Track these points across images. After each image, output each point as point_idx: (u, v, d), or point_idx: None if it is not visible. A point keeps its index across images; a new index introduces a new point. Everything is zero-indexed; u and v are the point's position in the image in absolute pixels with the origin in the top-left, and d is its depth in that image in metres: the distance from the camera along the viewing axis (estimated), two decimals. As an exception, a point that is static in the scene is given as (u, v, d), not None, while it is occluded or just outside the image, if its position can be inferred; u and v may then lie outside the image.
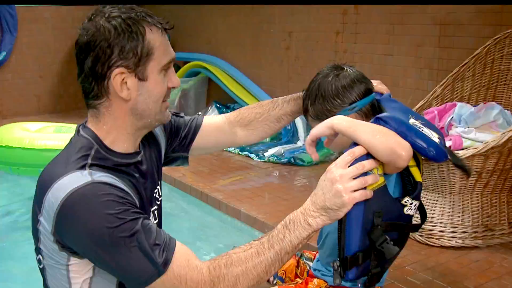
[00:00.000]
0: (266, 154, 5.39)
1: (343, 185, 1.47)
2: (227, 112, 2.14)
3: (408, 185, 1.70)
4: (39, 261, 1.58)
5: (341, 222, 1.55)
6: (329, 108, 1.86)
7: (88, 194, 1.42)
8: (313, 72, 1.91)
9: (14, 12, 7.58)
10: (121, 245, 1.41)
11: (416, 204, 1.67)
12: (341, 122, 1.59)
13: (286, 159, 5.18)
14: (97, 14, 1.56)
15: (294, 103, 2.08)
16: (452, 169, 3.15)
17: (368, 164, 1.51)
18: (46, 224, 1.47)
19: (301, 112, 2.05)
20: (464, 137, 3.39)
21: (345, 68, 1.93)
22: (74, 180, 1.44)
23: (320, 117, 1.85)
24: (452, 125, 3.58)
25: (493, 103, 3.64)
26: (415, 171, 1.69)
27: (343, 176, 1.48)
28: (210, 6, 7.09)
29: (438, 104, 3.75)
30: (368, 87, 1.90)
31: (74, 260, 1.51)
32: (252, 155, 5.44)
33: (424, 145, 1.66)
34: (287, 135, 5.83)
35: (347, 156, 1.51)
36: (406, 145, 1.56)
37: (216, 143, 2.11)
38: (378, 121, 1.66)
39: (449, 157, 1.79)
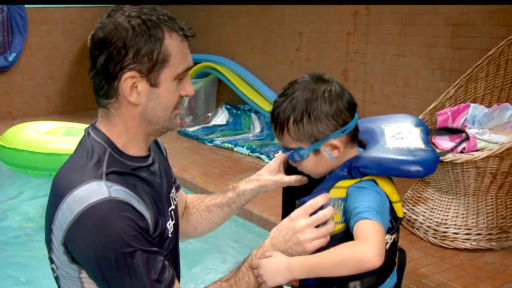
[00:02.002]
0: (276, 155, 5.36)
1: (304, 236, 1.51)
2: (237, 113, 2.07)
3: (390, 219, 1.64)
4: (53, 271, 1.55)
5: None
6: (321, 130, 1.60)
7: (103, 213, 1.38)
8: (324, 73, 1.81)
9: (24, 13, 7.59)
10: (123, 272, 1.39)
11: (391, 238, 1.64)
12: (296, 270, 1.52)
13: (297, 161, 5.15)
14: (118, 11, 1.49)
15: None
16: (467, 170, 3.13)
17: (329, 212, 1.52)
18: (58, 234, 1.44)
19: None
20: (478, 139, 3.37)
21: (330, 80, 1.66)
22: (91, 193, 1.39)
23: (302, 139, 1.62)
24: (466, 126, 3.56)
25: (507, 104, 3.61)
26: (398, 207, 1.64)
27: (305, 227, 1.51)
28: (220, 7, 7.08)
29: (452, 105, 3.73)
30: (355, 103, 1.67)
31: (85, 273, 1.48)
32: (263, 156, 5.42)
33: (410, 169, 1.60)
34: (298, 136, 5.80)
35: (310, 206, 1.53)
36: (368, 252, 1.44)
37: None
38: (357, 169, 1.60)
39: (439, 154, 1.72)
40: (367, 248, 1.44)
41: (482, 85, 3.76)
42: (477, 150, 3.25)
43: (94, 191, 1.39)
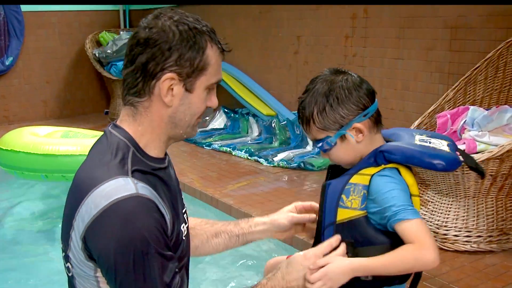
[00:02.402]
0: (275, 159, 5.37)
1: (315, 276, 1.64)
2: (235, 116, 2.13)
3: None
4: (68, 270, 1.56)
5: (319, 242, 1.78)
6: (344, 115, 1.75)
7: (130, 209, 1.40)
8: None
9: (21, 17, 7.58)
10: (138, 272, 1.40)
11: None
12: (359, 271, 1.67)
13: (295, 164, 5.16)
14: (165, 14, 1.55)
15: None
16: (467, 173, 3.13)
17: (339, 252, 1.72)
18: (78, 228, 1.44)
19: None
20: (478, 141, 3.37)
21: (348, 72, 1.83)
22: (118, 188, 1.41)
23: (328, 127, 1.77)
24: (465, 128, 3.56)
25: (506, 106, 3.62)
26: (416, 201, 1.75)
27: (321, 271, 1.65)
28: (218, 9, 7.08)
29: (451, 108, 3.73)
30: (373, 90, 1.83)
31: (100, 272, 1.48)
32: (261, 160, 5.41)
33: (432, 161, 1.73)
34: (296, 139, 5.81)
35: (325, 247, 1.71)
36: (430, 256, 1.61)
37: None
38: (382, 154, 1.74)
39: (463, 160, 1.81)
40: (426, 252, 1.61)
41: (481, 88, 3.77)
42: (476, 153, 3.25)
43: (121, 186, 1.42)
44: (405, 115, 4.82)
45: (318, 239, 1.83)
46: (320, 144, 1.81)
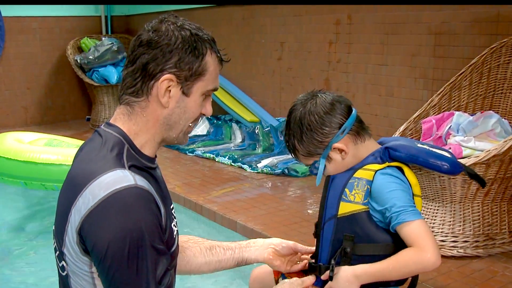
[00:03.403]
0: (259, 165, 5.35)
1: None
2: (218, 123, 2.14)
3: None
4: (63, 268, 1.55)
5: (319, 236, 1.85)
6: (320, 139, 1.80)
7: (129, 199, 1.41)
8: (305, 83, 1.89)
9: (1, 23, 7.50)
10: (131, 264, 1.40)
11: None
12: (364, 279, 1.71)
13: (279, 170, 5.14)
14: (169, 20, 1.60)
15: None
16: (453, 178, 3.13)
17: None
18: (74, 221, 1.44)
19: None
20: (463, 146, 3.37)
21: (319, 94, 1.87)
22: (117, 179, 1.42)
23: (313, 153, 1.83)
24: (450, 134, 3.56)
25: (491, 112, 3.63)
26: (418, 201, 1.79)
27: None
28: (200, 16, 7.06)
29: (436, 113, 3.74)
30: (348, 103, 1.86)
31: (95, 268, 1.47)
32: (245, 166, 5.39)
33: (438, 162, 1.77)
34: (280, 146, 5.79)
35: (298, 285, 1.79)
36: (431, 258, 1.64)
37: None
38: (387, 150, 1.78)
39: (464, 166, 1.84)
40: (426, 255, 1.63)
41: (465, 93, 3.78)
42: (462, 158, 3.25)
43: (120, 177, 1.43)
44: (389, 121, 4.83)
45: (318, 234, 1.87)
46: (310, 169, 1.89)
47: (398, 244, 1.71)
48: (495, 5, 3.98)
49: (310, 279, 1.83)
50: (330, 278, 1.77)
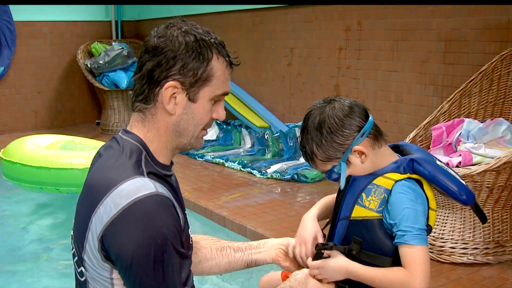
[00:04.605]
0: (268, 170, 5.36)
1: None
2: (227, 128, 2.12)
3: None
4: (81, 274, 1.55)
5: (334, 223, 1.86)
6: (341, 142, 1.78)
7: (151, 207, 1.41)
8: (315, 89, 1.89)
9: (12, 27, 7.55)
10: (158, 268, 1.41)
11: None
12: (352, 275, 1.75)
13: (289, 176, 5.15)
14: (175, 25, 1.59)
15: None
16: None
17: None
18: (96, 229, 1.45)
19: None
20: (474, 153, 3.38)
21: (336, 99, 1.86)
22: (138, 187, 1.43)
23: (331, 158, 1.81)
24: (460, 140, 3.57)
25: (501, 119, 3.63)
26: (432, 215, 1.79)
27: None
28: (210, 22, 7.09)
29: (446, 120, 3.74)
30: (365, 108, 1.85)
31: (117, 274, 1.48)
32: (255, 172, 5.40)
33: (456, 189, 1.74)
34: (289, 151, 5.80)
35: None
36: (413, 280, 1.65)
37: None
38: (412, 162, 1.76)
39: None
40: (415, 282, 1.64)
41: (475, 100, 3.78)
42: (473, 165, 3.26)
43: (141, 185, 1.43)
44: (399, 128, 4.83)
45: (331, 231, 1.88)
46: (328, 175, 1.86)
47: (397, 261, 1.72)
48: (505, 13, 3.99)
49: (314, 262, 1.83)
50: (320, 253, 1.82)
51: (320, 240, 1.92)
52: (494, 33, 4.09)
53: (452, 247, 3.28)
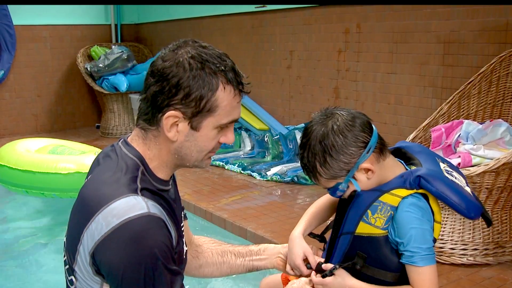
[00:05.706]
0: (268, 173, 5.37)
1: None
2: None
3: None
4: (71, 282, 1.55)
5: (335, 236, 1.82)
6: (347, 161, 1.70)
7: (142, 227, 1.40)
8: (315, 91, 1.84)
9: (12, 31, 7.56)
10: (148, 286, 1.41)
11: None
12: None
13: (289, 178, 5.16)
14: (183, 47, 1.52)
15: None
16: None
17: None
18: (87, 244, 1.44)
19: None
20: (473, 154, 3.39)
21: (337, 112, 1.75)
22: (130, 207, 1.41)
23: (336, 175, 1.73)
24: (460, 142, 3.58)
25: (500, 120, 3.64)
26: (437, 227, 1.75)
27: None
28: (209, 25, 7.10)
29: (445, 122, 3.75)
30: (368, 120, 1.77)
31: (107, 286, 1.48)
32: (255, 174, 5.41)
33: (464, 206, 1.69)
34: (289, 154, 5.81)
35: (306, 283, 1.83)
36: None
37: None
38: (420, 179, 1.70)
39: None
40: None
41: (474, 102, 3.80)
42: (472, 166, 3.27)
43: (133, 205, 1.42)
44: (398, 130, 4.85)
45: (332, 245, 1.85)
46: (332, 192, 1.80)
47: (403, 277, 1.72)
48: (504, 14, 4.00)
49: (318, 277, 1.80)
50: (326, 275, 1.77)
51: (311, 257, 1.88)
52: (493, 35, 4.11)
53: (451, 248, 3.28)
